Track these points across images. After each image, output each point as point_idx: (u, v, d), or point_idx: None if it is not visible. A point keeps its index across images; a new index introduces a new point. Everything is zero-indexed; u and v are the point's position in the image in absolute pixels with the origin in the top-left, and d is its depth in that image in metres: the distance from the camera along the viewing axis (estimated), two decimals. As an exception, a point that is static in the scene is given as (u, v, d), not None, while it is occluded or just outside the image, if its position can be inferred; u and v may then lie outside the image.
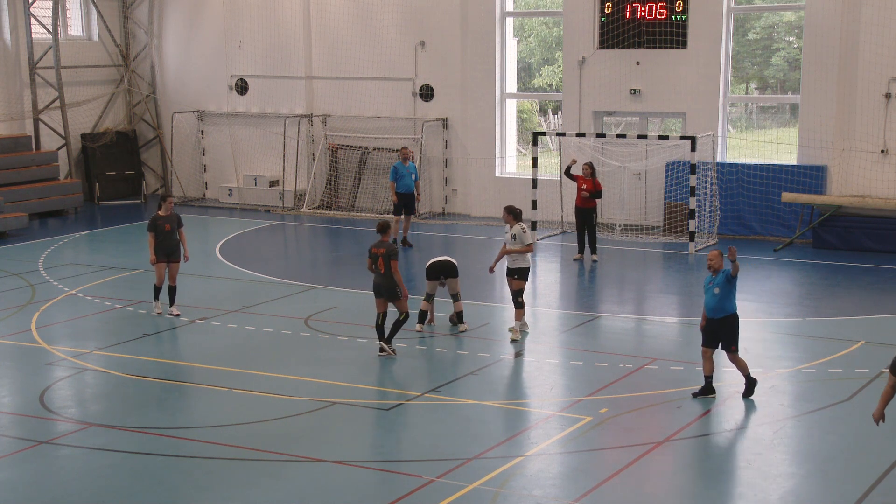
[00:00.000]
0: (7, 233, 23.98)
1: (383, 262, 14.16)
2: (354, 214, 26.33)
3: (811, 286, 18.88)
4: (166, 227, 16.55)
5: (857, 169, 22.06)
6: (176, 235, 16.68)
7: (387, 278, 14.18)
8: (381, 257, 14.18)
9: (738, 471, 10.69)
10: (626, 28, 23.74)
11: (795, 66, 28.70)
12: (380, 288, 14.31)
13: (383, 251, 14.22)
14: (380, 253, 14.22)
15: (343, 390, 13.13)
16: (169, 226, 16.58)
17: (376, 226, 14.62)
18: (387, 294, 14.28)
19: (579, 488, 10.19)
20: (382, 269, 14.18)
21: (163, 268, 16.57)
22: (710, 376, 12.68)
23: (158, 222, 16.53)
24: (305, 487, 10.31)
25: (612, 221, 23.99)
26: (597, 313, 16.97)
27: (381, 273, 14.23)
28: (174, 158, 29.54)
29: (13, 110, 27.25)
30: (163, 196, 16.88)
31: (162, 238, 16.53)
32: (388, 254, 14.18)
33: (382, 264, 14.17)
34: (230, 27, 28.30)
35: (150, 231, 16.53)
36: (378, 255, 14.22)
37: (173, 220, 16.68)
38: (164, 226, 16.54)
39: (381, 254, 14.21)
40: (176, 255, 16.70)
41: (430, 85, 26.32)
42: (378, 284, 14.33)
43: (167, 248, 16.58)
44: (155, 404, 12.81)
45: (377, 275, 14.31)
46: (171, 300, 16.70)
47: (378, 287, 14.34)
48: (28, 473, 10.75)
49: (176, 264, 16.71)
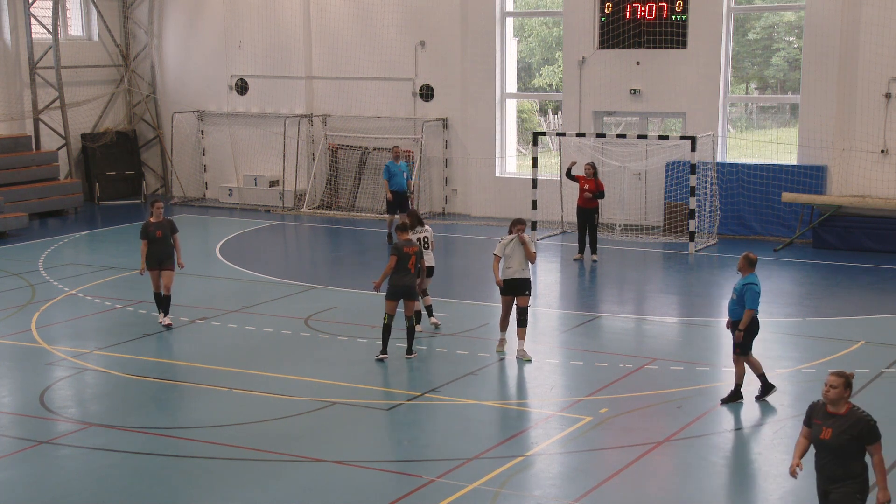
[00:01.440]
0: (7, 233, 23.98)
1: (416, 261, 14.08)
2: (354, 214, 26.33)
3: (811, 286, 18.88)
4: (157, 233, 15.94)
5: (857, 169, 22.06)
6: (169, 242, 16.03)
7: (414, 277, 14.08)
8: (415, 255, 14.07)
9: (737, 471, 10.68)
10: (626, 28, 23.74)
11: (795, 66, 28.70)
12: (401, 289, 14.01)
13: (416, 249, 14.14)
14: (412, 252, 14.06)
15: (343, 390, 13.13)
16: (161, 232, 15.94)
17: (397, 225, 14.59)
18: (407, 294, 14.07)
19: (579, 488, 10.19)
20: (413, 269, 14.07)
21: (156, 275, 16.00)
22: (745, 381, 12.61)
23: (150, 229, 15.95)
24: (305, 487, 10.31)
25: (613, 221, 23.99)
26: (597, 313, 16.97)
27: (410, 273, 14.04)
28: (174, 158, 29.54)
29: (13, 110, 27.25)
30: (151, 201, 16.32)
31: (154, 245, 15.95)
32: (420, 252, 14.19)
33: (414, 264, 14.04)
34: (230, 27, 28.30)
35: (144, 238, 15.94)
36: (412, 255, 14.03)
37: (165, 226, 16.03)
38: (155, 232, 15.93)
39: (414, 252, 14.08)
40: (168, 262, 16.01)
41: (430, 85, 26.32)
42: (401, 285, 14.00)
43: (159, 256, 15.95)
44: (155, 404, 12.81)
45: (404, 274, 13.99)
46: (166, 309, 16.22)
47: (399, 288, 14.00)
48: (28, 473, 10.75)
49: (169, 272, 16.00)
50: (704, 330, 16.08)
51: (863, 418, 7.84)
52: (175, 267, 16.23)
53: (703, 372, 13.75)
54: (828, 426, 7.88)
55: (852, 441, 7.81)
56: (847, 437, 7.81)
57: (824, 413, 7.94)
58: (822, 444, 7.89)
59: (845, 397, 7.90)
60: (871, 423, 7.83)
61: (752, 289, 12.22)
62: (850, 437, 7.80)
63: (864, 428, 7.80)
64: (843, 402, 7.90)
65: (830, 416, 7.89)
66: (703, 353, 14.80)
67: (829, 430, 7.86)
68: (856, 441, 7.81)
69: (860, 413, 7.87)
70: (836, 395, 7.88)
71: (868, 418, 7.84)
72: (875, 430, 7.83)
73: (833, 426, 7.85)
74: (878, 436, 7.86)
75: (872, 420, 7.86)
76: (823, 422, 7.91)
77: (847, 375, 7.90)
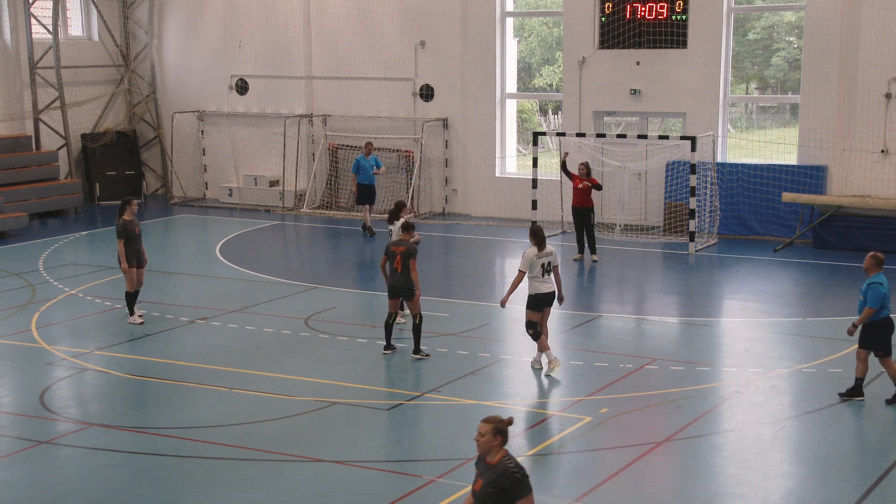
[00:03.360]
0: (7, 233, 23.98)
1: (401, 260, 14.10)
2: (354, 214, 26.32)
3: (811, 286, 18.88)
4: (136, 230, 16.14)
5: (857, 169, 22.06)
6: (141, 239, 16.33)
7: (403, 277, 14.10)
8: (400, 255, 14.11)
9: (738, 471, 10.68)
10: (626, 28, 23.74)
11: (795, 66, 28.69)
12: (395, 288, 14.20)
13: (402, 249, 14.16)
14: (398, 251, 14.15)
15: (343, 390, 13.13)
16: (138, 229, 16.22)
17: (402, 224, 14.61)
18: (403, 293, 14.20)
19: (579, 488, 10.19)
20: (399, 268, 14.09)
21: (134, 273, 16.13)
22: (861, 378, 12.57)
23: (128, 227, 16.06)
24: (305, 487, 10.31)
25: (613, 221, 23.99)
26: (597, 313, 16.97)
27: (397, 272, 14.11)
28: (174, 158, 29.54)
29: (13, 110, 27.25)
30: (126, 200, 16.35)
31: (132, 243, 16.10)
32: (407, 252, 14.14)
33: (400, 262, 14.09)
34: (230, 27, 28.31)
35: (121, 238, 16.02)
36: (396, 253, 14.13)
37: (137, 223, 16.31)
38: (133, 229, 16.11)
39: (399, 252, 14.14)
40: (143, 259, 16.32)
41: (430, 85, 26.31)
42: (393, 285, 14.19)
43: (138, 253, 16.19)
44: (155, 404, 12.81)
45: (392, 274, 14.16)
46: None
47: (394, 287, 14.22)
48: (28, 473, 10.75)
49: (143, 269, 16.34)
50: (704, 330, 16.08)
51: (508, 470, 6.96)
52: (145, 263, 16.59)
53: (703, 372, 13.75)
54: (480, 476, 7.13)
55: (498, 493, 6.97)
56: (492, 490, 6.98)
57: (483, 462, 7.16)
58: (473, 494, 7.13)
59: (496, 445, 7.06)
60: (516, 476, 6.95)
61: (877, 288, 12.25)
62: (494, 489, 6.97)
63: (508, 480, 6.93)
64: (496, 451, 7.07)
65: (486, 466, 7.11)
66: (703, 353, 14.80)
67: (480, 480, 7.10)
68: (501, 493, 6.96)
69: (508, 464, 7.00)
70: (485, 445, 7.08)
71: (514, 470, 6.96)
72: (521, 483, 6.96)
73: (483, 476, 7.08)
74: (527, 489, 6.97)
75: (520, 472, 6.98)
76: (479, 472, 7.16)
77: (496, 421, 7.08)
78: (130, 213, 16.15)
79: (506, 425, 7.09)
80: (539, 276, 13.57)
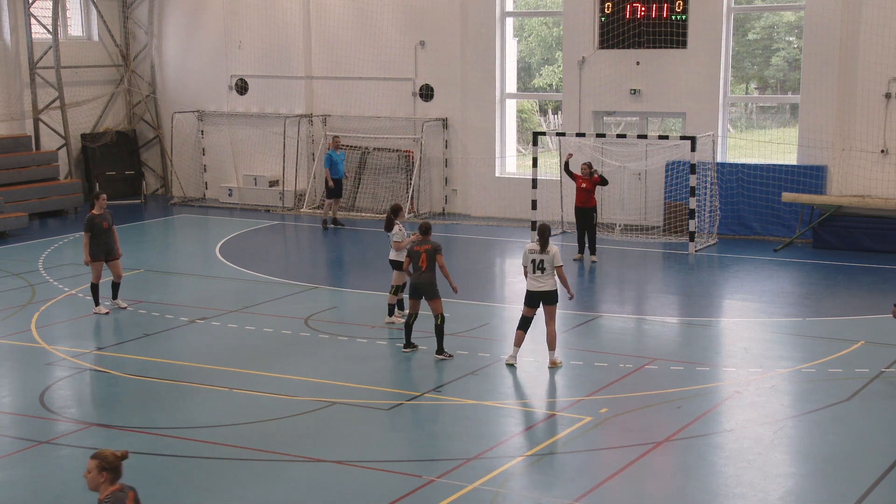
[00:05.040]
0: (7, 233, 23.98)
1: (426, 258, 14.15)
2: (354, 214, 26.32)
3: (811, 286, 18.88)
4: (104, 224, 16.62)
5: (857, 169, 22.06)
6: (112, 233, 16.77)
7: (427, 275, 14.16)
8: (425, 253, 14.16)
9: (738, 471, 10.68)
10: (626, 28, 23.74)
11: (795, 66, 28.70)
12: (418, 287, 14.24)
13: (427, 247, 14.23)
14: (423, 249, 14.20)
15: (343, 390, 13.13)
16: (107, 223, 16.66)
17: (419, 227, 14.60)
18: (426, 292, 14.22)
19: (579, 488, 10.19)
20: (424, 266, 14.15)
21: (100, 266, 16.67)
22: None
23: (96, 221, 16.58)
24: (305, 487, 10.31)
25: (613, 221, 23.99)
26: (597, 313, 16.97)
27: (422, 270, 14.16)
28: (174, 158, 29.54)
29: (13, 110, 27.25)
30: (95, 194, 16.96)
31: (101, 236, 16.60)
32: (432, 250, 14.21)
33: (425, 260, 14.14)
34: (230, 27, 28.31)
35: (87, 231, 16.57)
36: (420, 252, 14.18)
37: (108, 217, 16.77)
38: (101, 224, 16.60)
39: (424, 250, 14.19)
40: (114, 252, 16.79)
41: (430, 85, 26.31)
42: (416, 284, 14.25)
43: (106, 247, 16.69)
44: (155, 404, 12.80)
45: (416, 273, 14.21)
46: (115, 294, 16.99)
47: (416, 286, 14.27)
48: (28, 473, 10.75)
49: (116, 261, 16.83)
50: (704, 330, 16.08)
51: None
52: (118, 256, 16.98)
53: (703, 372, 13.75)
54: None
55: None
56: None
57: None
58: None
59: (102, 482, 6.74)
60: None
61: None
62: None
63: None
64: (104, 487, 6.74)
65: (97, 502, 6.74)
66: (703, 353, 14.80)
67: None
68: None
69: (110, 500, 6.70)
70: (91, 482, 6.74)
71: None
72: None
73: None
74: None
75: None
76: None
77: (102, 457, 6.75)
78: (99, 208, 16.70)
79: (117, 461, 6.77)
80: (531, 273, 13.74)
